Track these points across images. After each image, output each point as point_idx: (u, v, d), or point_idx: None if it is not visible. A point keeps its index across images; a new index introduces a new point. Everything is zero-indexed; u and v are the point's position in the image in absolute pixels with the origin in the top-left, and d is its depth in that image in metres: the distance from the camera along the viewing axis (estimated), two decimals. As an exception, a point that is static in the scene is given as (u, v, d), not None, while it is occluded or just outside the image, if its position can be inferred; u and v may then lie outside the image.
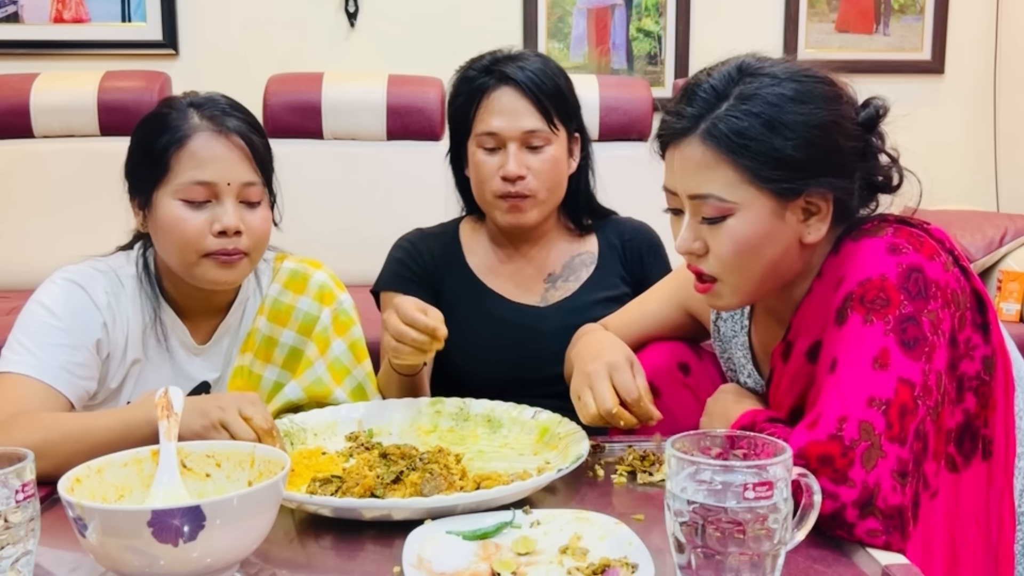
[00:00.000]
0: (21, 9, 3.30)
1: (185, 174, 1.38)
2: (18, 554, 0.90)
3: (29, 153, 3.11)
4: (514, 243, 1.73)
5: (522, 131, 1.60)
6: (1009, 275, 2.77)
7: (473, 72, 1.64)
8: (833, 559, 0.99)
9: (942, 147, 3.59)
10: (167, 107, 1.44)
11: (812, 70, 1.16)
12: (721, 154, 1.11)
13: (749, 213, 1.12)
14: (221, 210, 1.38)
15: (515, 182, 1.61)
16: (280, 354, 1.55)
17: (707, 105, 1.14)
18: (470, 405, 1.45)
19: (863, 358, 1.07)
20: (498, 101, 1.61)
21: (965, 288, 1.15)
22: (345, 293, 1.61)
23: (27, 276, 3.11)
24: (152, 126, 1.42)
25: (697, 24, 3.48)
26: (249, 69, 3.27)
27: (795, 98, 1.12)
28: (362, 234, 3.07)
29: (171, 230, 1.38)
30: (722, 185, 1.12)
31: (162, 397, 1.08)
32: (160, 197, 1.39)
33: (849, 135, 1.15)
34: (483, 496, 1.08)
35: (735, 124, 1.11)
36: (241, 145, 1.40)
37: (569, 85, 1.66)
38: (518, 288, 1.73)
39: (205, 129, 1.39)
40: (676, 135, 1.16)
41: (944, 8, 3.57)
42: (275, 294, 1.56)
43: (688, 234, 1.17)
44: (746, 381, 1.36)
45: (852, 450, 1.02)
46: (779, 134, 1.10)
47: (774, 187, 1.11)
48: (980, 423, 1.14)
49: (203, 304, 1.50)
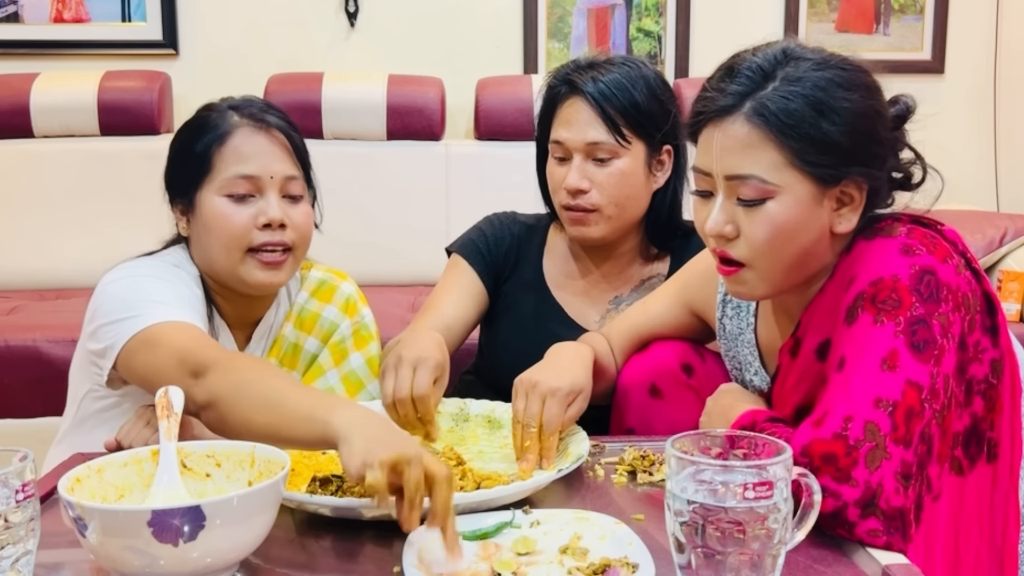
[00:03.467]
0: (21, 9, 3.30)
1: (228, 169, 1.39)
2: (18, 554, 0.90)
3: (29, 153, 3.11)
4: (590, 257, 1.69)
5: (585, 143, 1.56)
6: (1009, 275, 2.77)
7: (554, 80, 1.62)
8: (833, 559, 0.99)
9: (942, 147, 3.57)
10: (206, 110, 1.46)
11: (852, 59, 1.15)
12: (768, 134, 1.10)
13: (788, 197, 1.11)
14: (265, 203, 1.39)
15: (576, 195, 1.58)
16: (303, 360, 1.57)
17: (753, 84, 1.11)
18: (470, 405, 1.45)
19: (872, 358, 1.07)
20: (567, 111, 1.59)
21: (976, 291, 1.14)
22: (367, 308, 1.61)
23: (27, 276, 3.12)
24: (191, 129, 1.44)
25: (697, 24, 3.48)
26: (249, 69, 3.27)
27: (841, 84, 1.11)
28: (362, 234, 3.07)
29: (216, 226, 1.39)
30: (765, 166, 1.10)
31: (162, 397, 1.08)
32: (204, 196, 1.40)
33: (887, 126, 1.15)
34: (483, 496, 1.08)
35: (784, 104, 1.09)
36: (282, 140, 1.43)
37: (653, 96, 1.58)
38: (582, 305, 1.68)
39: (246, 125, 1.41)
40: (720, 112, 1.13)
41: (944, 8, 3.57)
42: (302, 302, 1.57)
43: (721, 216, 1.14)
44: (752, 379, 1.36)
45: (856, 450, 1.01)
46: (827, 118, 1.09)
47: (816, 171, 1.10)
48: (986, 426, 1.14)
49: (243, 311, 1.50)
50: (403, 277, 3.06)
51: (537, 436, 1.27)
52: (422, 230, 3.08)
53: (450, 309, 1.64)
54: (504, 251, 1.70)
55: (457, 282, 1.68)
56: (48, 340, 2.41)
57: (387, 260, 3.10)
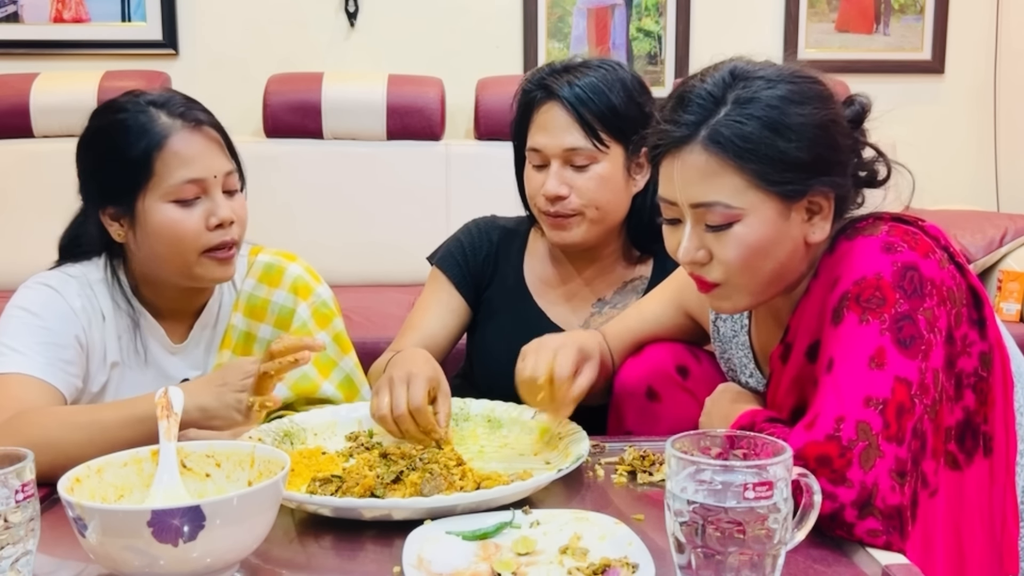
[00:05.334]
0: (21, 9, 3.30)
1: (173, 175, 1.37)
2: (18, 554, 0.90)
3: (29, 153, 3.11)
4: (572, 261, 1.67)
5: (563, 149, 1.54)
6: (1009, 275, 2.77)
7: (529, 85, 1.60)
8: (833, 559, 0.99)
9: (942, 147, 3.59)
10: (120, 111, 1.41)
11: (802, 70, 1.15)
12: (726, 159, 1.10)
13: (755, 218, 1.11)
14: (212, 204, 1.38)
15: (555, 202, 1.56)
16: (259, 349, 1.53)
17: (705, 111, 1.12)
18: (470, 405, 1.45)
19: (859, 358, 1.07)
20: (544, 117, 1.56)
21: (961, 284, 1.15)
22: (323, 286, 1.58)
23: (27, 276, 3.11)
24: (115, 133, 1.40)
25: (697, 24, 3.47)
26: (249, 69, 3.27)
27: (793, 99, 1.11)
28: (362, 234, 3.07)
29: (169, 233, 1.37)
30: (728, 191, 1.11)
31: (162, 397, 1.08)
32: (148, 204, 1.37)
33: (845, 133, 1.15)
34: (483, 496, 1.08)
35: (738, 128, 1.09)
36: (215, 136, 1.42)
37: (631, 99, 1.56)
38: (565, 309, 1.67)
39: (180, 128, 1.38)
40: (676, 143, 1.13)
41: (944, 8, 3.57)
42: (250, 288, 1.55)
43: (691, 244, 1.15)
44: (747, 381, 1.36)
45: (850, 450, 1.02)
46: (783, 136, 1.09)
47: (780, 189, 1.11)
48: (980, 420, 1.14)
49: (183, 304, 1.49)
50: (403, 277, 3.05)
51: (548, 384, 1.27)
52: (422, 230, 3.06)
53: (431, 327, 1.64)
54: (482, 259, 1.70)
55: (437, 299, 1.68)
56: (48, 340, 2.40)
57: (387, 260, 3.10)
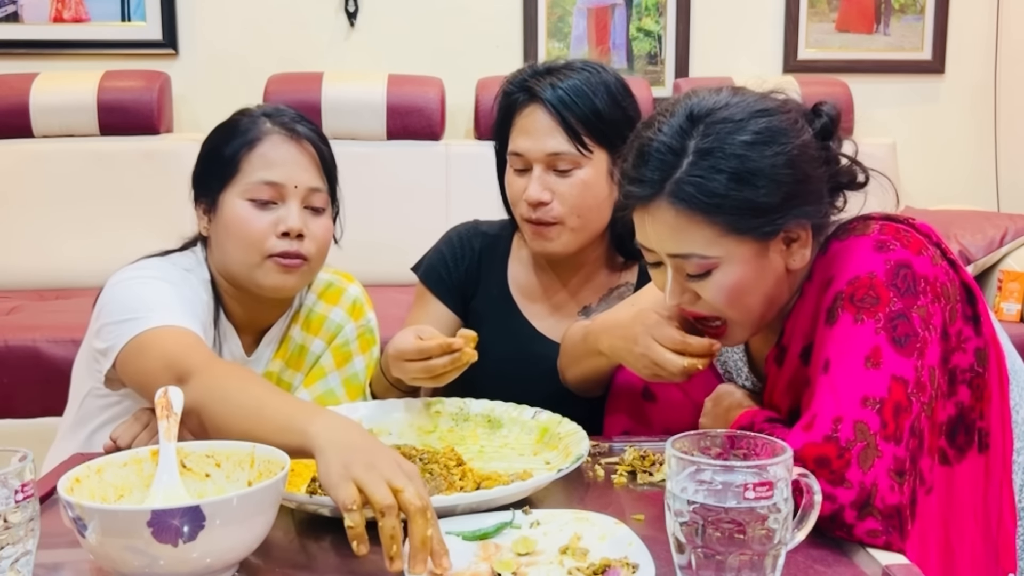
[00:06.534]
0: (21, 9, 3.30)
1: (254, 174, 1.40)
2: (18, 554, 0.90)
3: (29, 153, 3.11)
4: (555, 268, 1.63)
5: (546, 153, 1.50)
6: (1009, 275, 2.77)
7: (510, 86, 1.56)
8: (833, 559, 0.99)
9: (942, 147, 3.59)
10: (240, 115, 1.47)
11: (766, 99, 1.13)
12: (694, 214, 1.09)
13: (732, 263, 1.11)
14: (286, 211, 1.40)
15: (537, 207, 1.51)
16: (309, 362, 1.57)
17: (666, 165, 1.09)
18: (470, 405, 1.45)
19: (855, 357, 1.07)
20: (526, 120, 1.52)
21: (954, 281, 1.15)
22: (372, 312, 1.62)
23: (27, 276, 3.12)
24: (223, 132, 1.45)
25: (697, 24, 3.47)
26: (249, 69, 3.27)
27: (757, 142, 1.08)
28: (362, 234, 3.05)
29: (236, 229, 1.40)
30: (701, 243, 1.10)
31: (162, 397, 1.08)
32: (227, 198, 1.41)
33: (815, 160, 1.12)
34: (483, 496, 1.08)
35: (702, 184, 1.07)
36: (310, 151, 1.44)
37: (615, 102, 1.52)
38: (551, 318, 1.63)
39: (276, 133, 1.42)
40: (643, 200, 1.12)
41: (944, 8, 3.57)
42: (310, 304, 1.58)
43: (676, 288, 1.15)
44: (743, 384, 1.36)
45: (848, 451, 1.01)
46: (749, 184, 1.07)
47: (753, 233, 1.10)
48: (975, 416, 1.14)
49: (256, 315, 1.51)
50: (403, 277, 3.01)
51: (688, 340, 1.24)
52: (422, 230, 3.03)
53: None
54: (465, 269, 1.67)
55: (425, 314, 1.65)
56: (48, 340, 2.41)
57: (387, 260, 3.08)
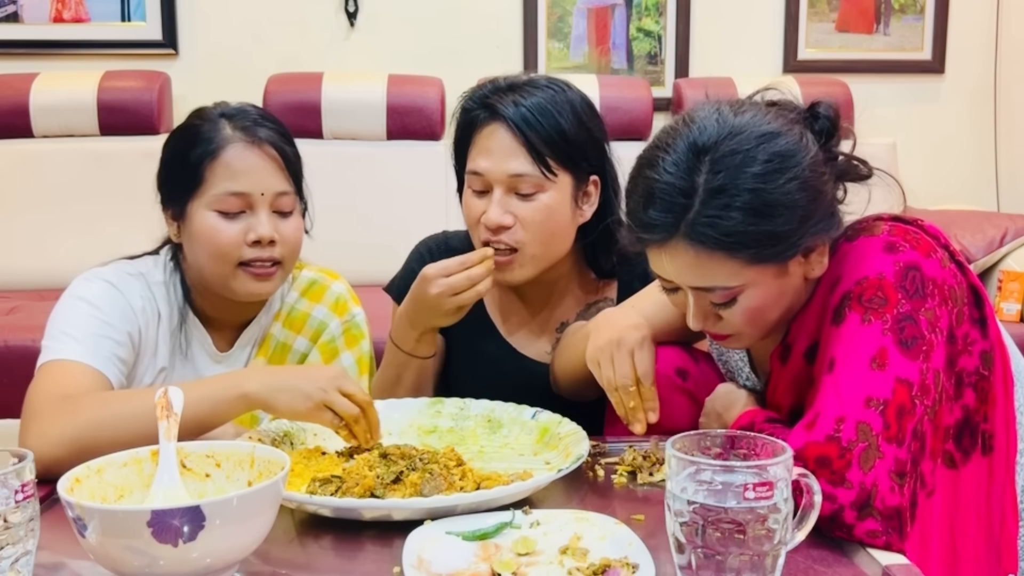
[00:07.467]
0: (21, 9, 3.30)
1: (219, 185, 1.39)
2: (18, 554, 0.90)
3: (29, 153, 3.11)
4: (525, 288, 1.56)
5: (508, 175, 1.42)
6: (1009, 275, 2.77)
7: (470, 103, 1.48)
8: (833, 559, 0.99)
9: (942, 147, 3.59)
10: (198, 118, 1.45)
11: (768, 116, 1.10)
12: (714, 251, 1.07)
13: (756, 287, 1.11)
14: (255, 220, 1.40)
15: (497, 231, 1.43)
16: (292, 360, 1.57)
17: (677, 207, 1.07)
18: (470, 405, 1.45)
19: (861, 358, 1.07)
20: (487, 139, 1.44)
21: (962, 283, 1.15)
22: (359, 307, 1.61)
23: (27, 276, 3.12)
24: (184, 137, 1.44)
25: (697, 24, 3.47)
26: (249, 69, 3.27)
27: (769, 172, 1.06)
28: (362, 234, 3.07)
29: (206, 241, 1.40)
30: (724, 276, 1.09)
31: (161, 397, 1.08)
32: (194, 208, 1.40)
33: (822, 171, 1.11)
34: (483, 496, 1.08)
35: (719, 224, 1.05)
36: (274, 155, 1.42)
37: (580, 123, 1.45)
38: (528, 336, 1.60)
39: (238, 140, 1.41)
40: (658, 242, 1.10)
41: (944, 8, 3.57)
42: (292, 301, 1.58)
43: (699, 313, 1.15)
44: (744, 384, 1.36)
45: (849, 451, 1.01)
46: (766, 216, 1.06)
47: (775, 259, 1.09)
48: (980, 418, 1.14)
49: (231, 314, 1.51)
50: (403, 277, 3.05)
51: (637, 393, 1.26)
52: (422, 230, 3.04)
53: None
54: None
55: None
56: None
57: (386, 260, 3.04)
